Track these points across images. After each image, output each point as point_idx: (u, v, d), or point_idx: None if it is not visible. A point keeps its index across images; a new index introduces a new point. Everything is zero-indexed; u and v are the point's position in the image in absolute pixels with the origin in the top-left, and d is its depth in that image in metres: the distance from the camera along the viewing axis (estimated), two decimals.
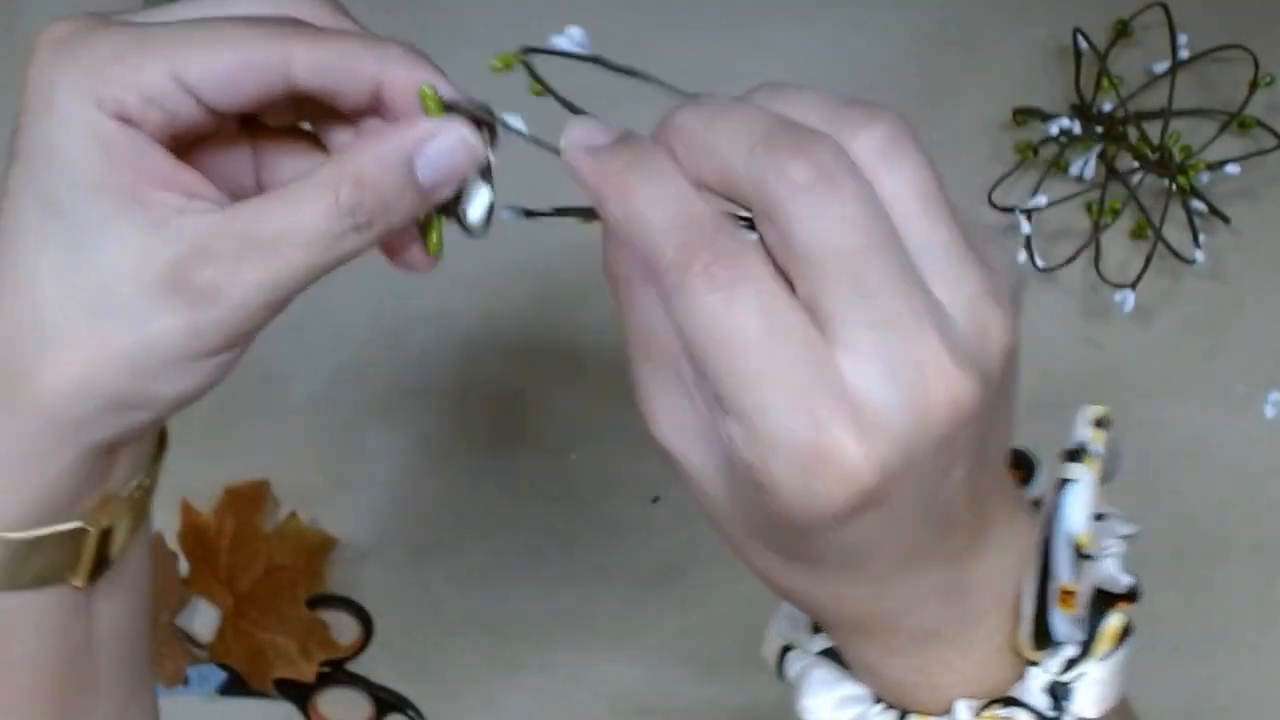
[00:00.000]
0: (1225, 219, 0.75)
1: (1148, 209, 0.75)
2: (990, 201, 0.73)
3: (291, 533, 0.73)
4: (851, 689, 0.40)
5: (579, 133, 0.39)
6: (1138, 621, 0.74)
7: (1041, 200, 0.73)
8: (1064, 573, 0.39)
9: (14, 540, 0.40)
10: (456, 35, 0.75)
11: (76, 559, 0.41)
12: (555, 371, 0.74)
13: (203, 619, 0.71)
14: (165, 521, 0.72)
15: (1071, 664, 0.38)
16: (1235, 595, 0.74)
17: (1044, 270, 0.73)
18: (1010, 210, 0.73)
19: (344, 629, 0.73)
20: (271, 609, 0.72)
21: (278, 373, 0.75)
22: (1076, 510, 0.39)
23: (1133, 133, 0.75)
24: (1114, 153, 0.75)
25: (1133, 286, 0.73)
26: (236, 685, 0.72)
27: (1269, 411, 0.75)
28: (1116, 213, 0.74)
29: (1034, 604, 0.38)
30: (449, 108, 0.40)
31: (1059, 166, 0.75)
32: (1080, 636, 0.39)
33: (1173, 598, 0.74)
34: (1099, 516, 0.41)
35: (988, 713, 0.38)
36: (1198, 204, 0.75)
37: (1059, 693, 0.38)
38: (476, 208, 0.41)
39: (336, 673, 0.73)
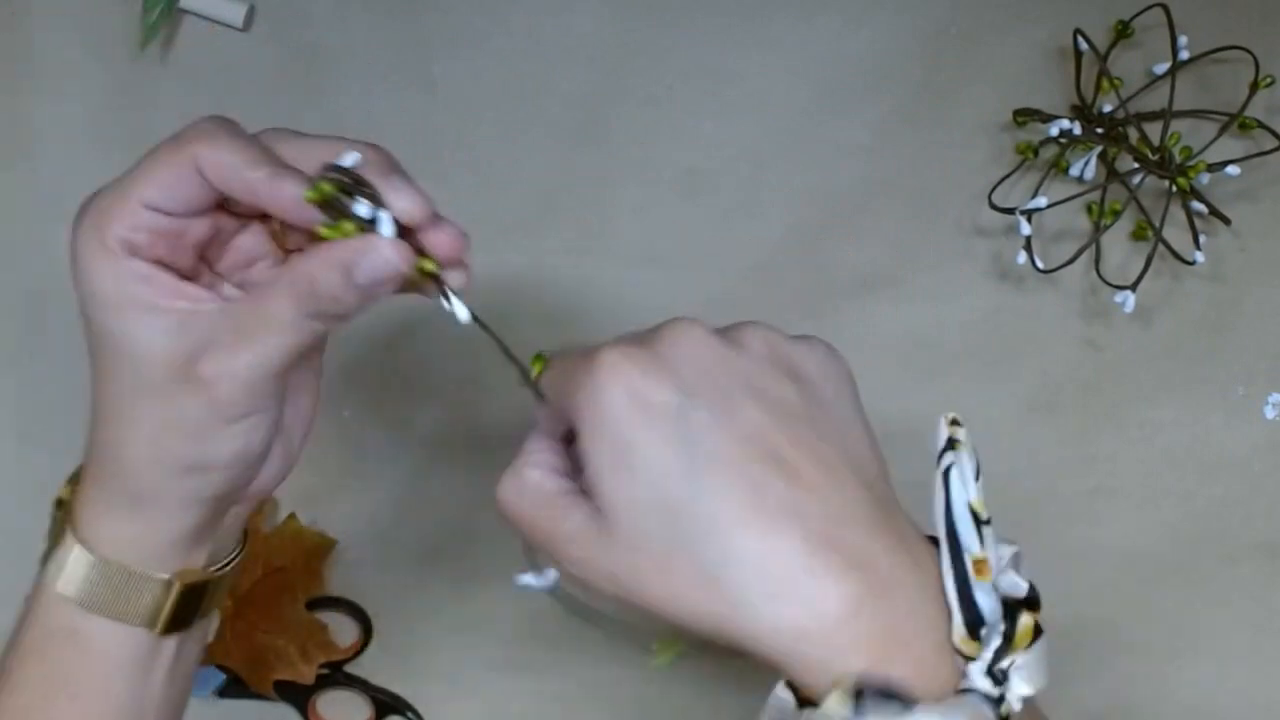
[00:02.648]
0: (1226, 220, 0.75)
1: (1148, 210, 0.75)
2: (990, 202, 0.73)
3: (290, 534, 0.73)
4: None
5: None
6: (1138, 622, 0.74)
7: (1042, 201, 0.73)
8: (972, 543, 0.46)
9: (113, 563, 0.51)
10: (457, 35, 0.75)
11: (159, 608, 0.52)
12: None
13: None
14: None
15: (999, 655, 0.45)
16: (1236, 596, 0.74)
17: (1044, 271, 0.73)
18: (1010, 211, 0.73)
19: (343, 631, 0.73)
20: (270, 611, 0.72)
21: None
22: (961, 485, 0.47)
23: (1133, 134, 0.75)
24: (1114, 154, 0.75)
25: (1133, 288, 0.73)
26: (236, 687, 0.72)
27: (1269, 413, 0.75)
28: (1117, 214, 0.74)
29: (955, 587, 0.46)
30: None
31: (1059, 167, 0.75)
32: (999, 606, 0.46)
33: (1173, 598, 0.74)
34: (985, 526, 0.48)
35: (953, 699, 0.45)
36: (1198, 205, 0.75)
37: (998, 676, 0.45)
38: (459, 311, 0.52)
39: (336, 674, 0.72)
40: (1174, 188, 0.74)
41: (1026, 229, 0.72)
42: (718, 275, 0.74)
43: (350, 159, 0.49)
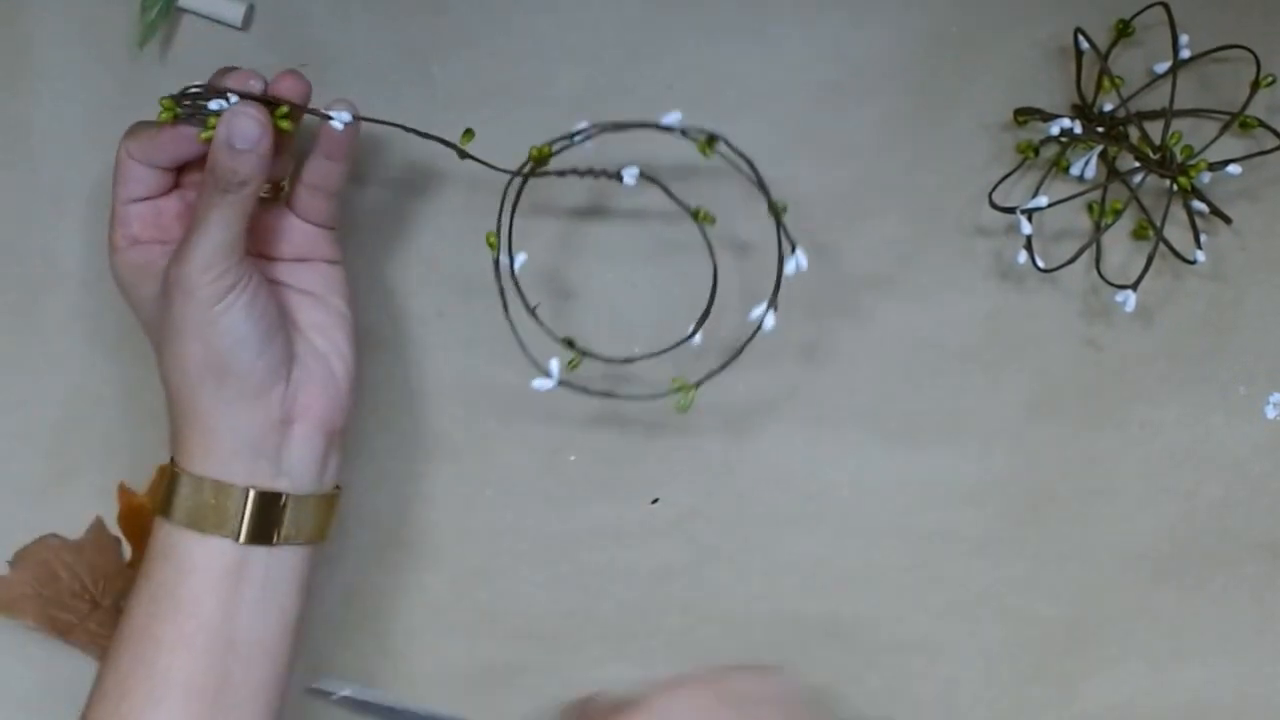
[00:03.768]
0: (1227, 219, 0.75)
1: (1149, 209, 0.75)
2: (991, 202, 0.73)
3: None
4: None
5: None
6: (1138, 622, 0.74)
7: (1042, 201, 0.73)
8: None
9: (193, 476, 0.62)
10: (457, 35, 0.75)
11: (238, 516, 0.62)
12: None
13: None
14: (107, 509, 0.72)
15: None
16: (1236, 596, 0.74)
17: (1045, 271, 0.73)
18: (1011, 211, 0.73)
19: None
20: None
21: None
22: None
23: (1134, 133, 0.75)
24: (1115, 153, 0.75)
25: (1134, 287, 0.73)
26: None
27: (1270, 412, 0.75)
28: (1118, 213, 0.74)
29: None
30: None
31: (1060, 167, 0.75)
32: None
33: (1173, 598, 0.75)
34: None
35: None
36: (1199, 204, 0.75)
37: None
38: (340, 116, 0.65)
39: None
40: (1175, 187, 0.74)
41: (1027, 228, 0.72)
42: (718, 275, 0.74)
43: (196, 85, 0.64)
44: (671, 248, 0.74)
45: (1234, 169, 0.74)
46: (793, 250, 0.66)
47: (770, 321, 0.66)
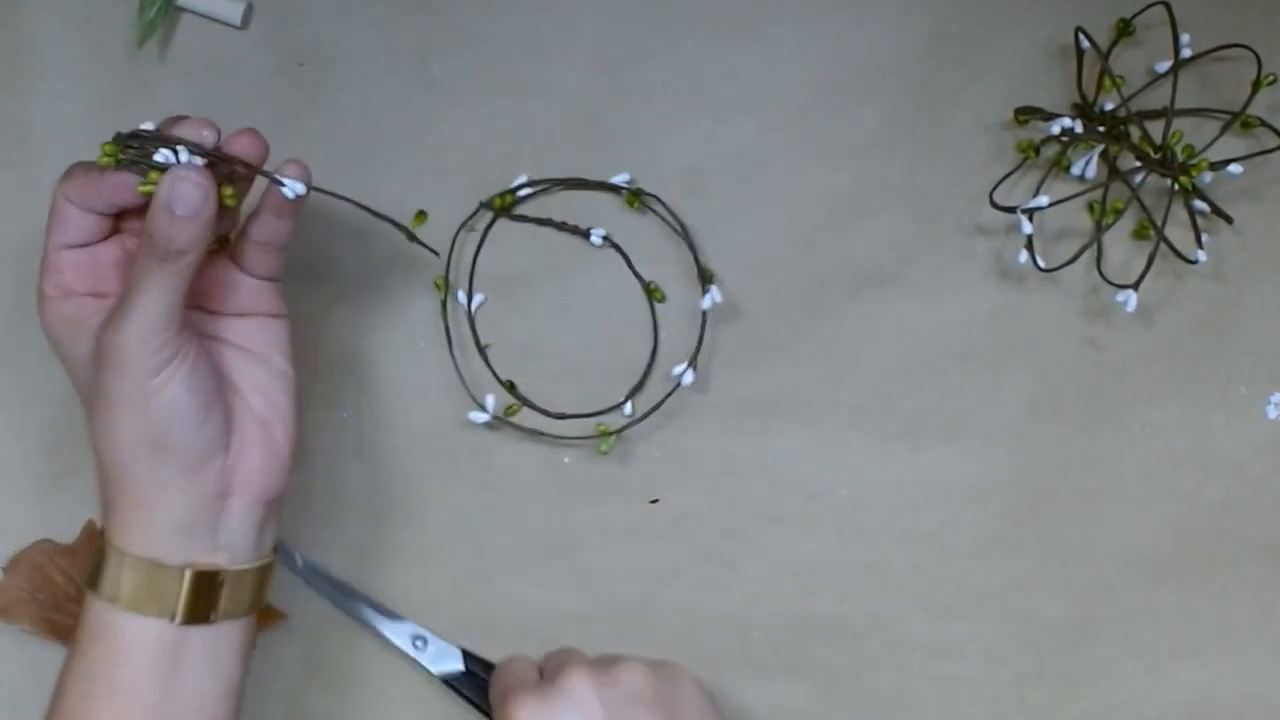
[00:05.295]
0: (1228, 219, 0.75)
1: (1150, 209, 0.75)
2: (992, 201, 0.73)
3: None
4: None
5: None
6: (1138, 622, 0.74)
7: (1043, 200, 0.73)
8: None
9: (128, 554, 0.58)
10: (456, 35, 0.75)
11: (175, 596, 0.58)
12: (555, 374, 0.74)
13: None
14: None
15: None
16: (1236, 595, 0.74)
17: (1046, 271, 0.73)
18: (1012, 210, 0.73)
19: None
20: None
21: None
22: None
23: (1135, 132, 0.75)
24: (1116, 152, 0.75)
25: (1135, 287, 0.73)
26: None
27: (1271, 412, 0.75)
28: (1119, 213, 0.74)
29: None
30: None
31: (1061, 166, 0.75)
32: None
33: (1173, 598, 0.74)
34: None
35: None
36: (1200, 204, 0.75)
37: None
38: (293, 186, 0.60)
39: None
40: (1176, 186, 0.73)
41: (1028, 228, 0.72)
42: (717, 275, 0.74)
43: (147, 124, 0.59)
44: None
45: (1235, 168, 0.74)
46: (705, 296, 0.72)
47: (689, 378, 0.72)
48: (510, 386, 0.72)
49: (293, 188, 0.60)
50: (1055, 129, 0.74)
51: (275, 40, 0.74)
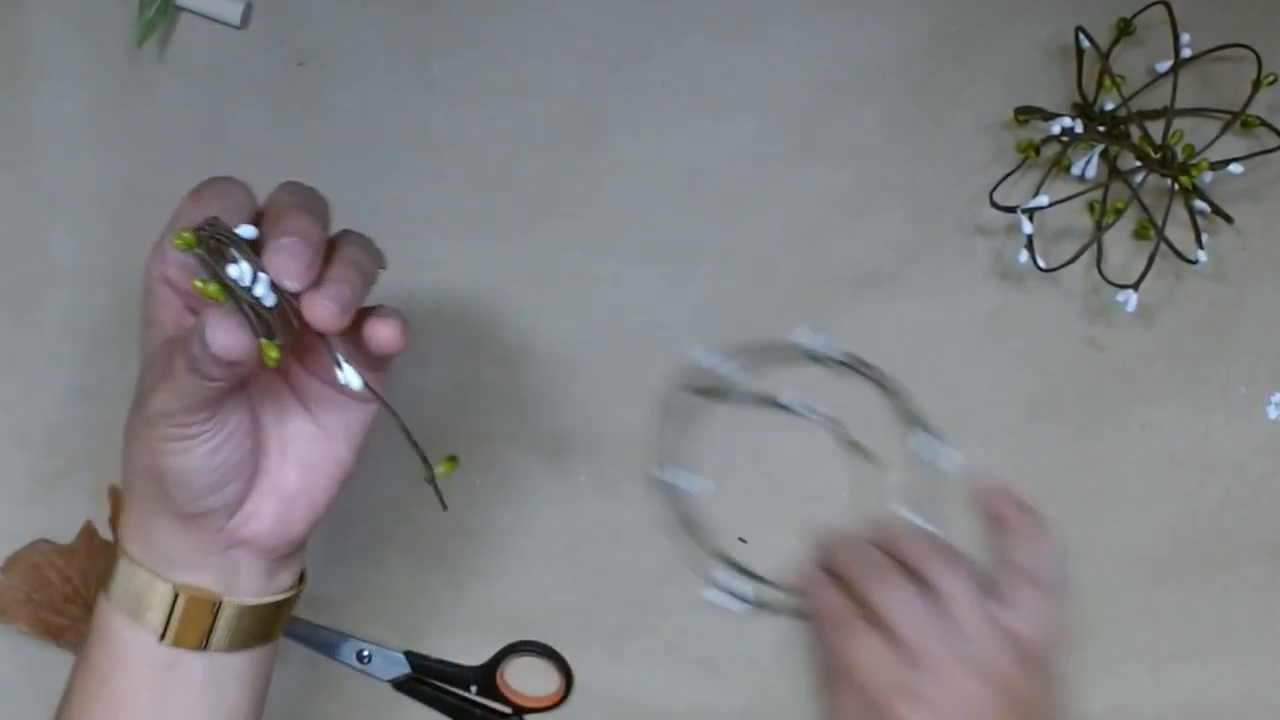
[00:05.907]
0: (1228, 219, 0.75)
1: (1150, 209, 0.75)
2: (992, 201, 0.73)
3: None
4: None
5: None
6: (1138, 622, 0.74)
7: (1043, 200, 0.73)
8: None
9: (133, 558, 0.55)
10: (456, 35, 0.75)
11: (166, 614, 0.55)
12: (555, 373, 0.74)
13: None
14: (98, 511, 0.72)
15: None
16: (1236, 595, 0.74)
17: (1046, 270, 0.73)
18: (1012, 210, 0.73)
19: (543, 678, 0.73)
20: None
21: None
22: None
23: (1135, 132, 0.75)
24: (1116, 152, 0.75)
25: (1135, 287, 0.73)
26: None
27: (1271, 412, 0.75)
28: (1119, 212, 0.74)
29: None
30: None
31: (1061, 166, 0.75)
32: None
33: (1174, 598, 0.74)
34: None
35: None
36: (1200, 204, 0.75)
37: None
38: (349, 377, 0.52)
39: None
40: (1176, 186, 0.73)
41: (1028, 228, 0.72)
42: (718, 274, 0.74)
43: (247, 232, 0.50)
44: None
45: (1235, 168, 0.74)
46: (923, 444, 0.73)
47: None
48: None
49: (348, 378, 0.52)
50: (1055, 129, 0.74)
51: (274, 40, 0.74)
